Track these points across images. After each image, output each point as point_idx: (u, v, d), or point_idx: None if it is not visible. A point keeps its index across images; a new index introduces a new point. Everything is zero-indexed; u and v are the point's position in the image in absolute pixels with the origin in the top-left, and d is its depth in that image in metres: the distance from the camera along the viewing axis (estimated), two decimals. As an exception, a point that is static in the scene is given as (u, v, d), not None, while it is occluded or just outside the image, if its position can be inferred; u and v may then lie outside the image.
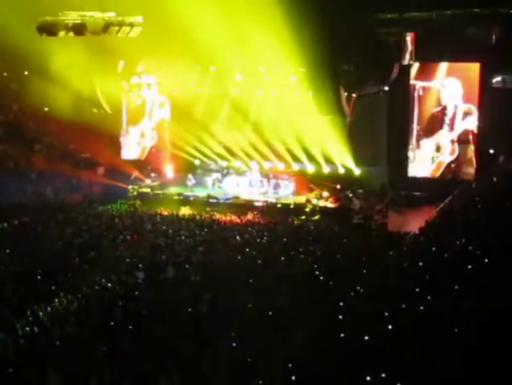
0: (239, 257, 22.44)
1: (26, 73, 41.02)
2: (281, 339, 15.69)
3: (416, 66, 33.89)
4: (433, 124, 35.03)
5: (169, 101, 39.86)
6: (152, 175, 39.24)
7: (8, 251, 23.84)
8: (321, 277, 20.10)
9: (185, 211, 33.26)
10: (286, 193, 35.41)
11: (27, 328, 16.84)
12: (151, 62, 37.58)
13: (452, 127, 34.44)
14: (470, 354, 9.82)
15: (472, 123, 33.86)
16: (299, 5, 28.68)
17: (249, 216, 31.73)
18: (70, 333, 17.07)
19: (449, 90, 34.02)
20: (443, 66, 33.95)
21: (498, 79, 33.15)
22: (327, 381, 11.79)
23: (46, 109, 41.31)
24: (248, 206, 33.23)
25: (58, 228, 27.05)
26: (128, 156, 40.72)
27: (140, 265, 22.43)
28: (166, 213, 32.06)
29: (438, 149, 34.76)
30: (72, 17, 29.15)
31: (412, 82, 34.57)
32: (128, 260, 22.73)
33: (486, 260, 13.55)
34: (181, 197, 35.47)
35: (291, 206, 32.92)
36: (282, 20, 29.42)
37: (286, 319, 16.00)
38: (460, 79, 33.49)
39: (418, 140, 34.86)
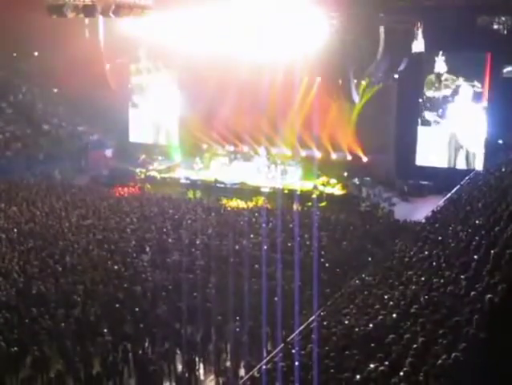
0: (245, 242, 22.48)
1: (36, 54, 41.07)
2: (286, 325, 15.76)
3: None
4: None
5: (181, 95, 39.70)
6: (160, 158, 39.24)
7: (15, 230, 23.99)
8: (327, 264, 20.15)
9: (192, 195, 33.28)
10: (293, 179, 35.32)
11: (33, 308, 16.94)
12: (161, 45, 37.52)
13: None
14: (475, 344, 9.84)
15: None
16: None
17: (256, 202, 31.74)
18: (75, 314, 17.20)
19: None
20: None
21: (509, 68, 33.06)
22: (328, 368, 11.83)
23: (55, 90, 41.37)
24: (255, 192, 33.19)
25: (66, 210, 27.12)
26: (137, 138, 40.78)
27: (147, 248, 22.57)
28: (173, 197, 32.09)
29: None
30: (83, -2, 29.11)
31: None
32: (134, 242, 22.83)
33: (492, 251, 13.52)
34: (188, 181, 35.45)
35: (298, 192, 32.84)
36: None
37: (291, 305, 16.03)
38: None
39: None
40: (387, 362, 10.88)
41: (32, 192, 30.04)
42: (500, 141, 32.46)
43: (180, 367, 15.65)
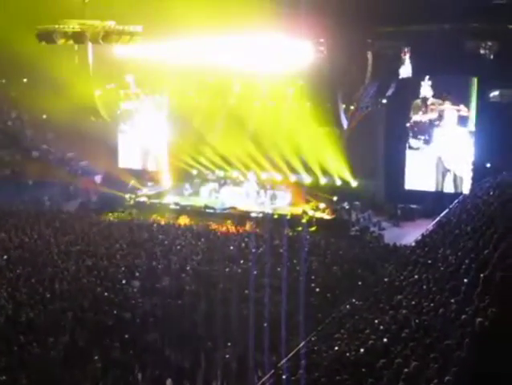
0: (235, 268, 22.45)
1: (25, 80, 41.10)
2: (276, 351, 15.71)
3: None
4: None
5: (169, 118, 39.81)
6: (149, 184, 39.22)
7: (5, 257, 23.86)
8: (317, 289, 20.13)
9: (182, 220, 33.24)
10: (283, 204, 35.35)
11: (21, 336, 16.82)
12: (149, 71, 37.63)
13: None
14: (466, 368, 9.84)
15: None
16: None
17: (246, 227, 31.74)
18: (64, 341, 17.08)
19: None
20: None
21: (496, 93, 33.32)
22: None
23: (44, 116, 41.37)
24: (244, 217, 33.19)
25: (55, 236, 27.03)
26: (126, 164, 40.76)
27: (136, 274, 22.47)
28: (163, 222, 32.06)
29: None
30: (72, 25, 29.19)
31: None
32: (123, 268, 22.74)
33: (482, 274, 13.55)
34: (178, 207, 35.42)
35: (288, 217, 32.87)
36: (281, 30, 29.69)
37: (281, 331, 16.01)
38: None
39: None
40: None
41: (21, 218, 29.95)
42: (488, 165, 32.62)
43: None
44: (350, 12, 28.81)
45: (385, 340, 13.12)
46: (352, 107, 34.63)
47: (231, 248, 25.69)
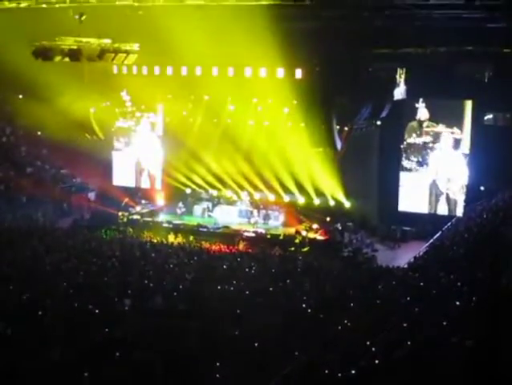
0: (227, 287, 22.38)
1: (21, 96, 41.11)
2: (267, 371, 15.63)
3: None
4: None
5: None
6: (143, 202, 39.19)
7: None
8: (309, 310, 20.07)
9: (175, 239, 33.20)
10: (276, 224, 35.39)
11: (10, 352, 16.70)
12: (144, 90, 37.69)
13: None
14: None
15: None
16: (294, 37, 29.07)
17: (239, 246, 31.72)
18: (54, 358, 16.97)
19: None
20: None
21: (490, 116, 33.44)
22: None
23: (39, 133, 41.37)
24: (237, 236, 33.17)
25: (47, 253, 26.93)
26: (120, 182, 40.72)
27: (129, 292, 22.39)
28: (155, 241, 32.01)
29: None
30: (68, 42, 29.25)
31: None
32: (115, 286, 22.64)
33: (474, 297, 13.58)
34: (171, 225, 35.40)
35: (281, 237, 32.88)
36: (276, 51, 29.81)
37: (273, 351, 15.93)
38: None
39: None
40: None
41: (14, 234, 29.85)
42: (481, 187, 32.68)
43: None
44: (345, 33, 28.92)
45: (376, 362, 13.09)
46: (346, 128, 34.70)
47: (224, 267, 25.64)
